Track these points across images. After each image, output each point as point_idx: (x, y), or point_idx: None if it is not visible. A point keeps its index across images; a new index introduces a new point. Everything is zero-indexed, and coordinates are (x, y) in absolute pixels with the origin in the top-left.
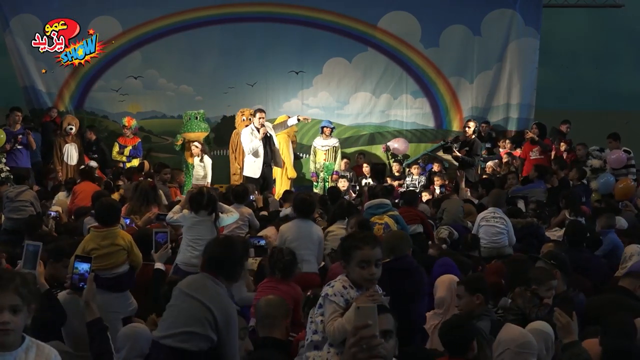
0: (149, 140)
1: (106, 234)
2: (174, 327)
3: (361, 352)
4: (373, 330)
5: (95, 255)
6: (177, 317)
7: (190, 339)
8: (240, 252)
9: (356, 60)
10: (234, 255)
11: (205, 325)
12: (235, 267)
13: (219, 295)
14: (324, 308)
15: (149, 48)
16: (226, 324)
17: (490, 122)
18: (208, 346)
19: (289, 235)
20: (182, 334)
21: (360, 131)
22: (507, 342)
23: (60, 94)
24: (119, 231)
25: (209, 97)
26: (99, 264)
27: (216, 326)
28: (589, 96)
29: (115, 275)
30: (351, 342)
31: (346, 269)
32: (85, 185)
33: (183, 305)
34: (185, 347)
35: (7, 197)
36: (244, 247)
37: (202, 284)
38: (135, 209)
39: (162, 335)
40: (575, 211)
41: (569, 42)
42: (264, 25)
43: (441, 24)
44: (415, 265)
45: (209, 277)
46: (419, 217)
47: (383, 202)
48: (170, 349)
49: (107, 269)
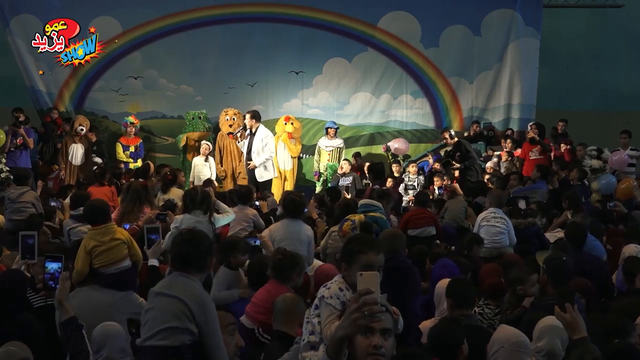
0: (149, 140)
1: (104, 230)
2: (153, 327)
3: (362, 319)
4: (375, 297)
5: (98, 252)
6: (155, 318)
7: (171, 335)
8: (204, 242)
9: (356, 60)
10: (198, 248)
11: (182, 319)
12: (202, 259)
13: (192, 288)
14: (320, 310)
15: (149, 48)
16: (202, 313)
17: (491, 123)
18: (190, 340)
19: (278, 235)
20: (162, 331)
21: (360, 131)
22: (501, 341)
23: (60, 94)
24: (115, 227)
25: (209, 97)
26: (102, 260)
27: (194, 317)
28: (589, 96)
29: (119, 270)
30: (353, 308)
31: (347, 271)
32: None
33: (159, 305)
34: (166, 343)
35: (9, 199)
36: (205, 236)
37: (173, 281)
38: (128, 209)
39: (143, 338)
40: (578, 212)
41: (569, 42)
42: (264, 25)
43: (441, 24)
44: (410, 264)
45: (179, 274)
46: (432, 218)
47: (371, 203)
48: (153, 348)
49: (111, 265)
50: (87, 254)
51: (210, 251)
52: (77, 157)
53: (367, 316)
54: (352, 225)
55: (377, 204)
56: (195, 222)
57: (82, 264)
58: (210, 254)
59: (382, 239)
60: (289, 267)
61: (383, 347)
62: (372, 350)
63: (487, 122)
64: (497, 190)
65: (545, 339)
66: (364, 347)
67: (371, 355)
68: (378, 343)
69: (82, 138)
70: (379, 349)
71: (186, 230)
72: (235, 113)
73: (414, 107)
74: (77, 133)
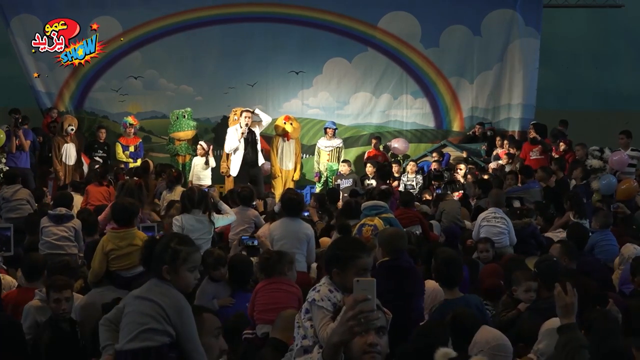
0: (149, 140)
1: (124, 234)
2: (132, 330)
3: (358, 326)
4: (371, 305)
5: (115, 256)
6: (132, 321)
7: (151, 337)
8: (162, 244)
9: (356, 60)
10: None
11: (160, 321)
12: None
13: (166, 290)
14: (312, 313)
15: (149, 48)
16: (178, 315)
17: (492, 123)
18: (169, 340)
19: (277, 234)
20: (141, 333)
21: (360, 131)
22: (481, 344)
23: (60, 94)
24: (136, 232)
25: (209, 97)
26: (118, 264)
27: (169, 320)
28: (589, 96)
29: (134, 274)
30: (349, 315)
31: (339, 276)
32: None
33: (135, 308)
34: (148, 344)
35: (3, 198)
36: (164, 238)
37: (148, 286)
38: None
39: (123, 343)
40: (580, 213)
41: (569, 42)
42: (264, 25)
43: (441, 24)
44: (413, 263)
45: (153, 278)
46: (418, 217)
47: (377, 204)
48: (134, 352)
49: (126, 269)
50: (104, 255)
51: (162, 258)
52: (71, 157)
53: (363, 324)
54: (375, 230)
55: (384, 204)
56: (195, 221)
57: (98, 265)
58: (162, 261)
59: (384, 239)
60: (277, 262)
61: (378, 345)
62: (367, 348)
63: (487, 122)
64: (495, 190)
65: (546, 341)
66: (359, 345)
67: (367, 354)
68: (374, 341)
69: (73, 137)
70: (374, 347)
71: (147, 240)
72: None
73: (414, 107)
74: (67, 133)
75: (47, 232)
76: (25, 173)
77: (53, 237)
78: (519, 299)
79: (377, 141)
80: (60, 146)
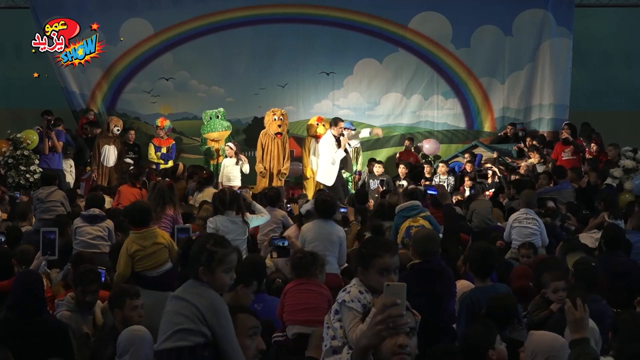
0: (180, 141)
1: (146, 234)
2: (167, 329)
3: (386, 330)
4: (400, 309)
5: (140, 257)
6: (168, 321)
7: (185, 337)
8: (198, 245)
9: (387, 61)
10: (193, 254)
11: (195, 322)
12: (190, 267)
13: (203, 291)
14: (341, 314)
15: (180, 50)
16: (214, 316)
17: (523, 124)
18: (204, 341)
19: (309, 235)
20: (175, 333)
21: (391, 132)
22: (544, 350)
23: (92, 96)
24: (157, 230)
25: (240, 98)
26: (144, 264)
27: (205, 321)
28: (621, 96)
29: (160, 273)
30: (378, 319)
31: (363, 275)
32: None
33: (171, 308)
34: (182, 344)
35: (38, 199)
36: (200, 239)
37: (185, 286)
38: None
39: (159, 342)
40: (615, 214)
41: (601, 41)
42: (294, 26)
43: (472, 24)
44: (444, 265)
45: (191, 280)
46: None
47: (414, 204)
48: (170, 351)
49: (152, 269)
50: (129, 257)
51: (198, 259)
52: (110, 158)
53: (392, 328)
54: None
55: (419, 203)
56: (229, 222)
57: (124, 266)
58: (198, 262)
59: (417, 241)
60: (310, 264)
61: (408, 347)
62: (397, 349)
63: (519, 122)
64: (527, 191)
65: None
66: (389, 346)
67: (397, 355)
68: (404, 342)
69: (116, 140)
70: (404, 348)
71: (182, 245)
72: (282, 113)
73: (445, 108)
74: (113, 134)
75: (81, 232)
76: (59, 174)
77: (88, 236)
78: (550, 300)
79: (410, 142)
80: (100, 147)
